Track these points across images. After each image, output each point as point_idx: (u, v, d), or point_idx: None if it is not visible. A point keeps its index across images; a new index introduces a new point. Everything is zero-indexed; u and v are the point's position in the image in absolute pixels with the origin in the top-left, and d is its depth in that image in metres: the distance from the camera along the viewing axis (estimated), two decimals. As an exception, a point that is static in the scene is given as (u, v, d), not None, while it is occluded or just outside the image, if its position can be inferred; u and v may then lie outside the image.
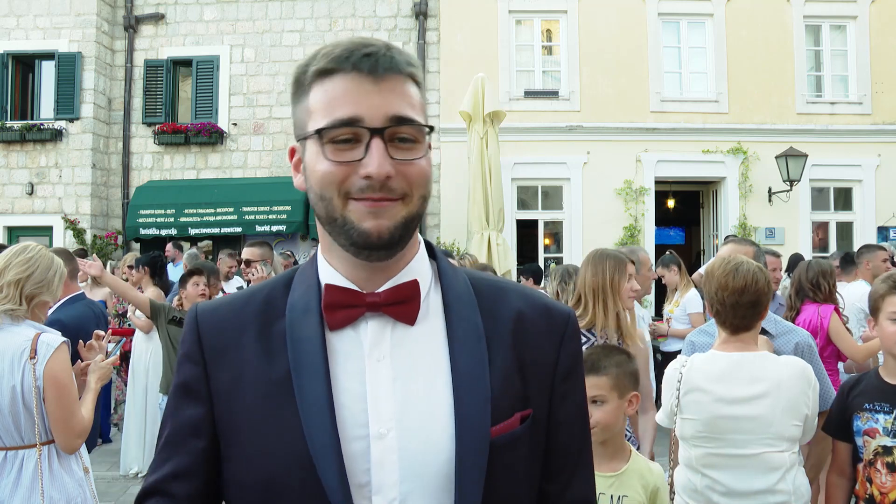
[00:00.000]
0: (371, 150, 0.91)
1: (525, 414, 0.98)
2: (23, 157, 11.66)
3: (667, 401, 2.50)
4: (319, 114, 0.93)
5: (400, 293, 0.98)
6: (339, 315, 0.97)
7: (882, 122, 11.23)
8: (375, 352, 0.96)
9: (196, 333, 1.03)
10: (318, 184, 0.94)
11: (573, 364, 1.06)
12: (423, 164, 0.95)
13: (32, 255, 2.62)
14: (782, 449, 2.31)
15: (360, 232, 0.93)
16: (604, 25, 11.33)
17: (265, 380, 0.96)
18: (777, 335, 2.74)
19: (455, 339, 0.98)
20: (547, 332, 1.04)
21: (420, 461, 0.93)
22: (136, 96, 12.11)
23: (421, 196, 0.95)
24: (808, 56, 11.60)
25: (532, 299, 1.07)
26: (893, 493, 2.22)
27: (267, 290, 1.05)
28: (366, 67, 0.92)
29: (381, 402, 0.94)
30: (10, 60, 11.81)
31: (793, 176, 10.46)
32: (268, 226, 10.97)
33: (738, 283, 2.39)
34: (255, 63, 11.97)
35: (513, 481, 0.97)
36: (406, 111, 0.93)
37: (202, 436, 1.00)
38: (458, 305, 1.01)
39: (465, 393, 0.95)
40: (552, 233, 11.73)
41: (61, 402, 2.50)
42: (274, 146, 11.92)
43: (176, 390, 1.04)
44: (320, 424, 0.91)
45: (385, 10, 11.92)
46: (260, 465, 0.94)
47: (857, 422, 2.37)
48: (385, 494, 0.92)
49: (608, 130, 11.24)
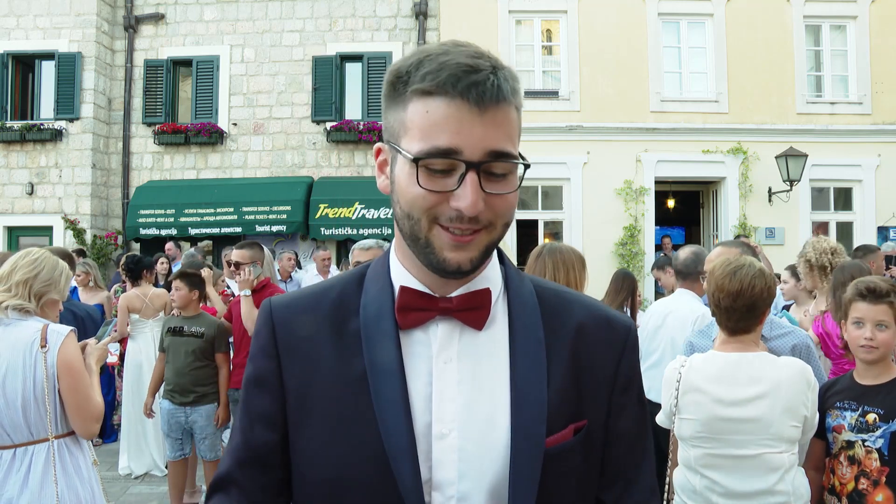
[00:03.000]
0: (465, 184, 0.89)
1: (579, 426, 1.00)
2: (23, 157, 11.67)
3: (666, 401, 2.50)
4: (416, 134, 0.91)
5: (472, 300, 0.99)
6: (411, 317, 0.99)
7: (882, 122, 11.23)
8: (443, 354, 0.98)
9: (271, 327, 1.04)
10: (408, 205, 0.93)
11: (632, 376, 1.07)
12: (512, 197, 0.95)
13: (37, 256, 2.70)
14: (781, 450, 2.31)
15: (441, 260, 0.94)
16: (604, 25, 11.33)
17: (340, 377, 0.98)
18: (772, 338, 2.72)
19: (517, 348, 1.00)
20: (607, 344, 1.05)
21: (477, 463, 0.95)
22: (136, 96, 12.12)
23: (504, 224, 0.96)
24: (808, 56, 11.60)
25: (594, 310, 1.08)
26: (850, 483, 2.40)
27: (339, 287, 1.06)
28: (472, 97, 0.88)
29: (445, 403, 0.96)
30: (10, 60, 11.82)
31: (793, 176, 10.46)
32: (268, 226, 10.97)
33: (733, 286, 2.39)
34: (255, 63, 11.97)
35: (566, 490, 0.98)
36: (505, 146, 0.91)
37: (275, 428, 1.01)
38: (523, 314, 1.02)
39: (523, 402, 0.97)
40: (552, 233, 11.73)
41: (76, 388, 2.55)
42: (274, 146, 11.92)
43: (249, 383, 1.05)
44: (396, 423, 0.93)
45: (385, 10, 11.92)
46: (332, 460, 0.96)
47: (829, 419, 2.52)
48: (444, 492, 0.94)
49: (608, 130, 11.24)
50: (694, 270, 3.90)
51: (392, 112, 0.96)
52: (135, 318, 6.04)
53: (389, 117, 0.97)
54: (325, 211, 11.02)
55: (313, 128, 11.88)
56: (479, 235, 0.93)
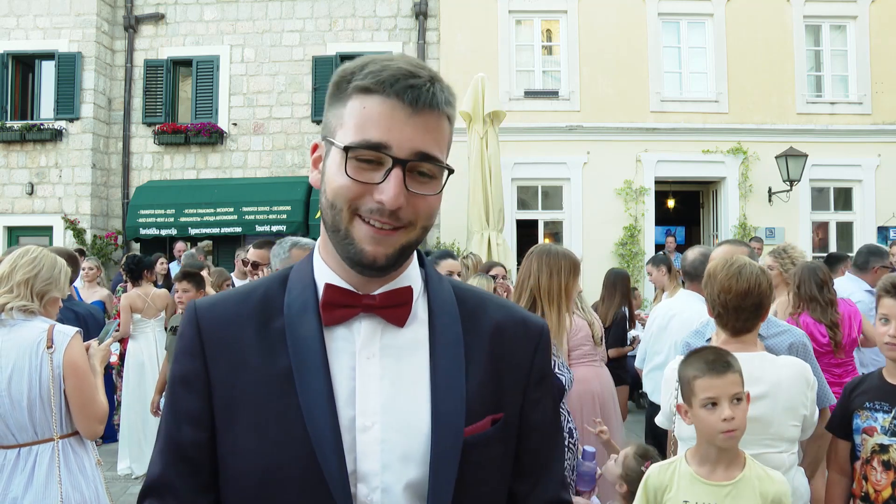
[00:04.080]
0: (390, 178, 0.94)
1: (496, 417, 1.05)
2: (23, 157, 11.66)
3: (665, 402, 2.49)
4: (351, 128, 0.96)
5: (394, 297, 1.03)
6: (336, 313, 1.02)
7: (882, 122, 11.23)
8: (366, 350, 1.02)
9: (196, 328, 1.05)
10: (333, 193, 0.98)
11: (545, 371, 1.13)
12: (434, 200, 1.00)
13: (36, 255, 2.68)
14: (781, 449, 2.31)
15: (359, 251, 0.98)
16: (604, 25, 11.33)
17: (266, 374, 1.00)
18: (769, 336, 2.70)
19: (437, 344, 1.04)
20: (523, 342, 1.11)
21: (400, 453, 0.98)
22: (136, 96, 12.11)
23: (423, 227, 1.01)
24: (808, 56, 11.60)
25: (510, 311, 1.14)
26: (887, 490, 2.23)
27: (263, 287, 1.09)
28: (407, 98, 0.94)
29: (368, 397, 1.00)
30: (10, 60, 11.81)
31: (793, 176, 10.46)
32: (268, 226, 10.97)
33: (741, 286, 2.37)
34: (255, 63, 11.97)
35: (483, 478, 1.03)
36: (432, 149, 0.97)
37: (203, 427, 1.02)
38: (442, 313, 1.07)
39: (443, 394, 1.01)
40: (552, 233, 11.73)
41: (82, 389, 2.56)
42: (274, 146, 11.92)
43: (174, 383, 1.06)
44: (322, 417, 0.96)
45: (385, 10, 11.92)
46: (260, 457, 0.98)
47: (857, 420, 2.37)
48: (368, 483, 0.97)
49: (608, 130, 11.24)
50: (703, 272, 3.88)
51: (332, 109, 1.01)
52: (137, 317, 6.05)
53: (328, 114, 1.02)
54: (325, 211, 11.00)
55: (313, 128, 11.87)
56: (397, 234, 0.98)
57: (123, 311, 6.00)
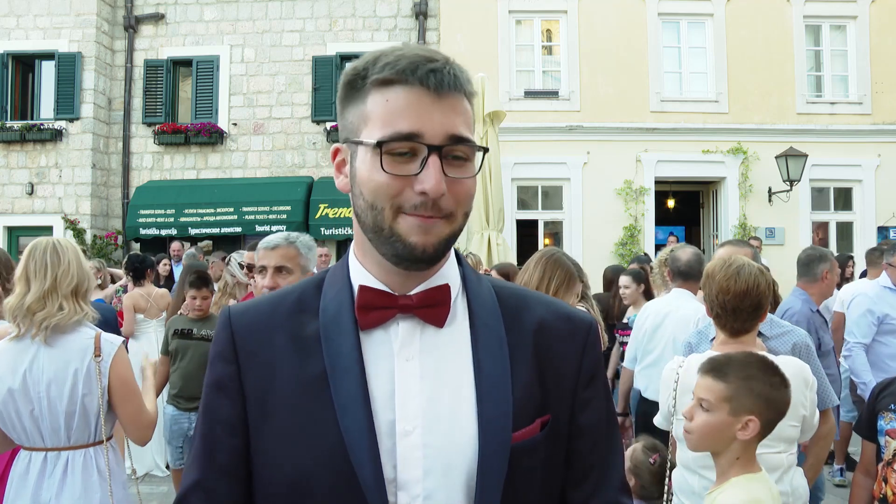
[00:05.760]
0: (428, 166, 0.91)
1: (545, 420, 1.00)
2: (23, 157, 11.67)
3: (664, 402, 2.50)
4: (378, 123, 0.93)
5: (432, 297, 1.00)
6: (371, 316, 0.99)
7: (882, 122, 11.23)
8: (405, 352, 0.98)
9: (230, 333, 1.04)
10: (372, 194, 0.94)
11: (595, 370, 1.08)
12: (471, 184, 0.97)
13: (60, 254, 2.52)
14: (780, 450, 2.30)
15: (407, 245, 0.94)
16: (604, 25, 11.33)
17: (300, 379, 0.98)
18: (772, 336, 2.70)
19: (479, 345, 1.00)
20: (569, 340, 1.06)
21: (443, 459, 0.95)
22: (136, 96, 12.12)
23: (464, 214, 0.98)
24: (808, 56, 11.60)
25: (553, 307, 1.09)
26: None
27: (298, 291, 1.07)
28: (430, 83, 0.92)
29: (408, 400, 0.96)
30: (10, 60, 11.82)
31: (793, 176, 10.46)
32: (268, 226, 10.96)
33: (740, 286, 2.36)
34: (255, 63, 11.98)
35: (532, 485, 0.99)
36: (463, 130, 0.94)
37: (238, 434, 1.01)
38: (483, 312, 1.03)
39: (488, 397, 0.97)
40: (552, 233, 11.74)
41: (131, 399, 2.55)
42: (274, 146, 11.93)
43: (209, 389, 1.05)
44: (357, 422, 0.93)
45: (385, 10, 11.92)
46: (294, 462, 0.95)
47: (881, 421, 2.35)
48: (409, 490, 0.94)
49: (608, 130, 11.24)
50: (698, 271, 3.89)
51: (350, 109, 0.98)
52: (139, 317, 6.04)
53: (347, 115, 0.99)
54: (325, 211, 11.03)
55: (313, 128, 11.88)
56: (441, 223, 0.95)
57: (126, 311, 6.00)
